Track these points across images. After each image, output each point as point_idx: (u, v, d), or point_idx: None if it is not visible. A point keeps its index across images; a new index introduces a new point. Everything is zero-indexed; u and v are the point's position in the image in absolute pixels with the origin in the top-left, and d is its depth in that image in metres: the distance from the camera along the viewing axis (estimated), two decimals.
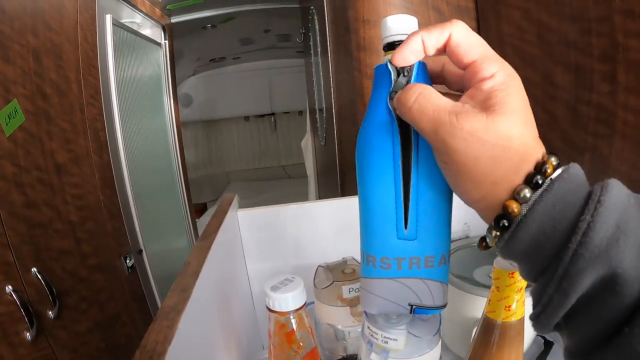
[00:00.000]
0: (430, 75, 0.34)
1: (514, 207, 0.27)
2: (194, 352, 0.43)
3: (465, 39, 0.30)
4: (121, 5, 1.72)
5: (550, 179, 0.27)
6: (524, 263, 0.29)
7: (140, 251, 1.62)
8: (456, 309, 0.68)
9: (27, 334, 0.97)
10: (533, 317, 0.28)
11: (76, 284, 1.18)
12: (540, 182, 0.27)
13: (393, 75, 0.33)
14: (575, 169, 0.27)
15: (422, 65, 0.33)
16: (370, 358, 0.43)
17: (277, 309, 0.45)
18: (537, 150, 0.28)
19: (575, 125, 0.59)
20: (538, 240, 0.26)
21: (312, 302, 0.62)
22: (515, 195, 0.27)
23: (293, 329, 0.46)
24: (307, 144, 2.39)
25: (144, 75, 1.97)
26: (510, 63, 0.30)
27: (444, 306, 0.37)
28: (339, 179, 1.58)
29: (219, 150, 4.47)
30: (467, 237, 0.84)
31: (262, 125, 4.46)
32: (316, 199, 2.33)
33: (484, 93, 0.29)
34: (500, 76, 0.29)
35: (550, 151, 0.29)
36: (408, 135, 0.33)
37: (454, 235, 0.84)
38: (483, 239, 0.31)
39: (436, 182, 0.33)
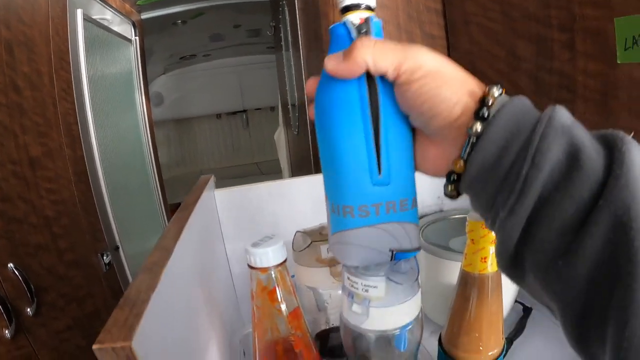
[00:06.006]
0: None
1: (494, 93, 0.31)
2: (177, 301, 0.43)
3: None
4: (91, 0, 1.70)
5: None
6: (493, 169, 0.29)
7: (117, 248, 1.60)
8: (434, 277, 0.70)
9: (6, 331, 0.96)
10: (503, 217, 0.29)
11: (54, 281, 1.16)
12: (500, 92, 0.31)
13: (353, 33, 0.34)
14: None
15: (379, 22, 0.35)
16: (352, 310, 0.43)
17: (258, 264, 0.45)
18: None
19: (539, 93, 0.62)
20: (508, 137, 0.29)
21: (293, 276, 0.63)
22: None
23: (275, 286, 0.47)
24: (280, 136, 2.40)
25: (115, 71, 1.94)
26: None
27: (419, 248, 0.38)
28: (312, 165, 1.60)
29: (191, 149, 4.40)
30: (441, 210, 0.87)
31: (234, 123, 4.42)
32: None
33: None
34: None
35: None
36: (371, 80, 0.34)
37: (428, 209, 0.87)
38: (450, 178, 0.33)
39: (401, 123, 0.34)
